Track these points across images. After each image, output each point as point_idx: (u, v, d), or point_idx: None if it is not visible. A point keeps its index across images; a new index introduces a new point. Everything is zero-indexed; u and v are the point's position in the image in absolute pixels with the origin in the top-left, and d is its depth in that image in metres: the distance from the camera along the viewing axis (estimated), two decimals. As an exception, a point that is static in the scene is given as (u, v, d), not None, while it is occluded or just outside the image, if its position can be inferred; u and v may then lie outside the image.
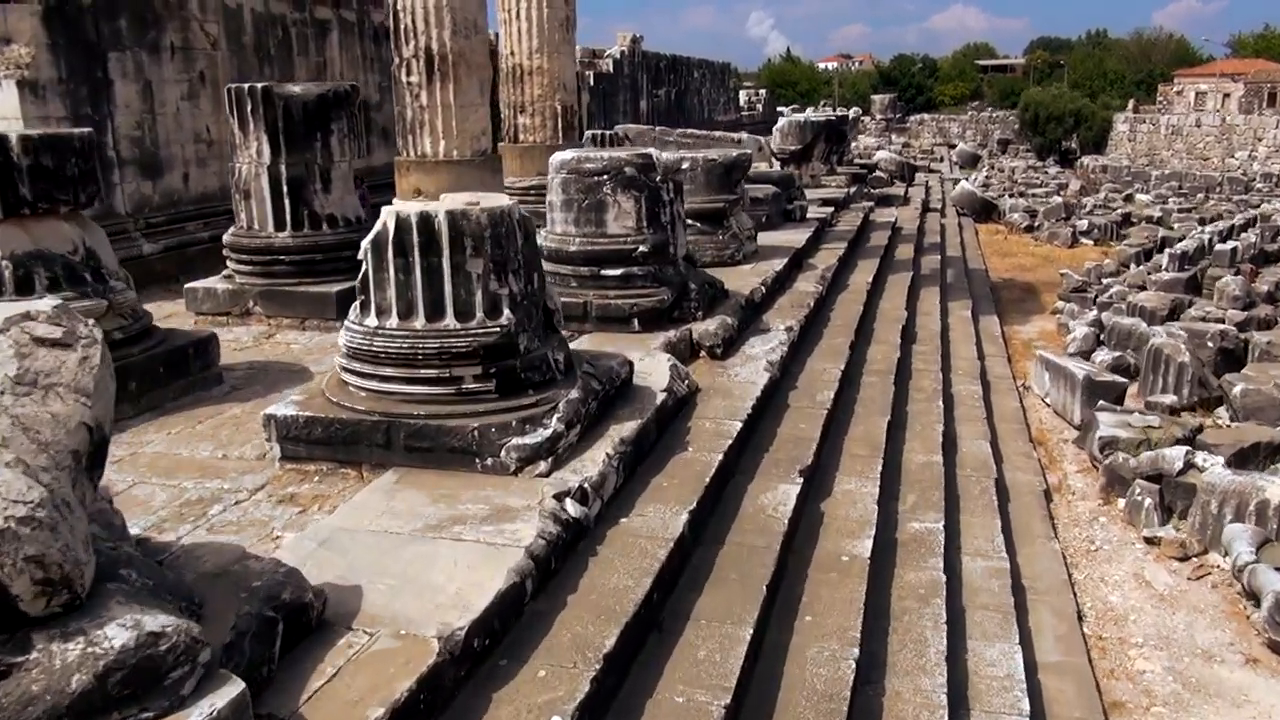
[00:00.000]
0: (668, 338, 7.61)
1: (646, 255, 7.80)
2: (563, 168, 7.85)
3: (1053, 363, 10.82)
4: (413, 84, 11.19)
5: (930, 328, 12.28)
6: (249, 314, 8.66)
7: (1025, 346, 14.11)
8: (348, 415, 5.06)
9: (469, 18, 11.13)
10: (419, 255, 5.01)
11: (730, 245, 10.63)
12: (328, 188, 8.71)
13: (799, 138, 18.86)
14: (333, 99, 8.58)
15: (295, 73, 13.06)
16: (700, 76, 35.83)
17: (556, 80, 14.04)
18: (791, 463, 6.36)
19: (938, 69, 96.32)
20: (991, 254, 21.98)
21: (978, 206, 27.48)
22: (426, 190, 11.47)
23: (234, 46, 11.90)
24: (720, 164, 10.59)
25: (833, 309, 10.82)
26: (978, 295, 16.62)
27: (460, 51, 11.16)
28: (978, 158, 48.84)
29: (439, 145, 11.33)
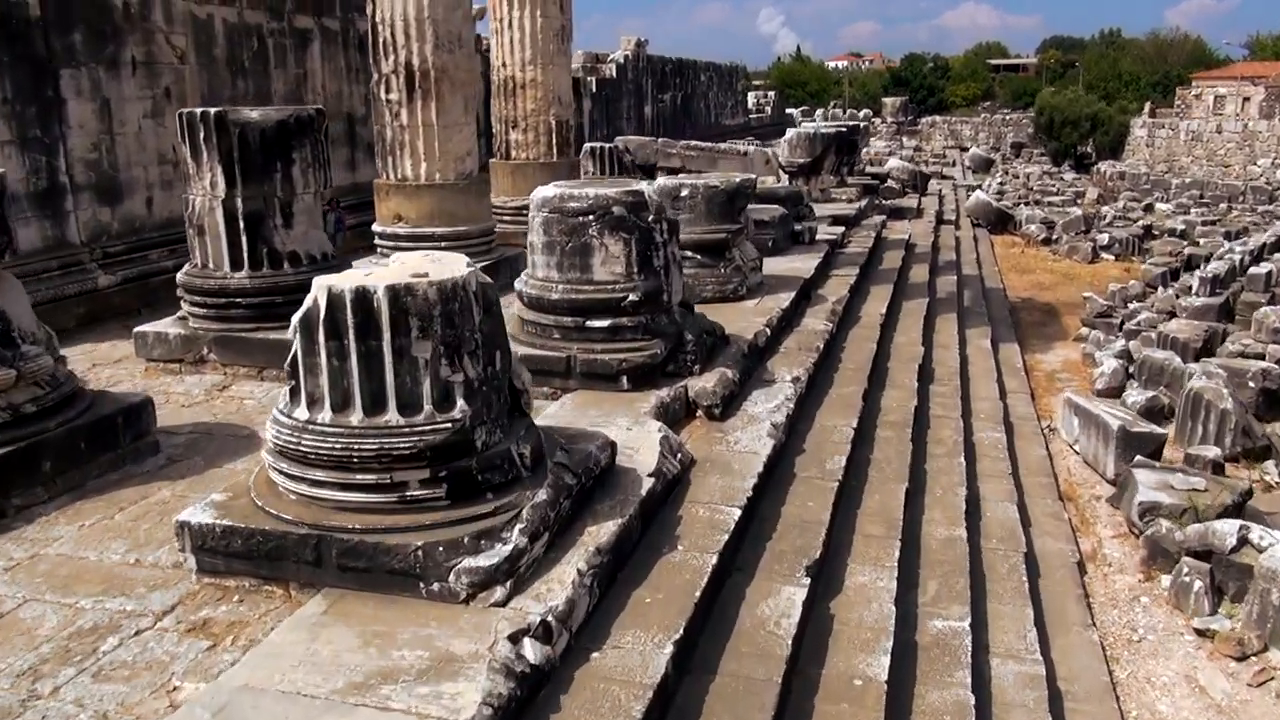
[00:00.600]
0: (660, 398, 6.81)
1: (637, 304, 7.00)
2: (544, 206, 7.05)
3: (1082, 408, 9.98)
4: (392, 102, 10.42)
5: (948, 363, 11.45)
6: (203, 361, 7.90)
7: (1049, 380, 13.27)
8: (272, 525, 4.28)
9: (453, 31, 10.35)
10: (355, 338, 4.22)
11: (733, 279, 9.82)
12: (289, 223, 7.93)
13: (808, 150, 18.03)
14: (294, 125, 7.79)
15: (272, 86, 12.28)
16: (707, 80, 34.98)
17: (551, 94, 13.25)
18: (797, 555, 5.57)
19: (949, 69, 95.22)
20: (1009, 270, 21.12)
21: (993, 217, 26.60)
22: (407, 216, 10.70)
23: (204, 60, 11.13)
24: (722, 191, 9.78)
25: (844, 348, 10.00)
26: (996, 319, 15.77)
27: (443, 67, 10.38)
28: (991, 162, 47.89)
29: (420, 168, 10.56)
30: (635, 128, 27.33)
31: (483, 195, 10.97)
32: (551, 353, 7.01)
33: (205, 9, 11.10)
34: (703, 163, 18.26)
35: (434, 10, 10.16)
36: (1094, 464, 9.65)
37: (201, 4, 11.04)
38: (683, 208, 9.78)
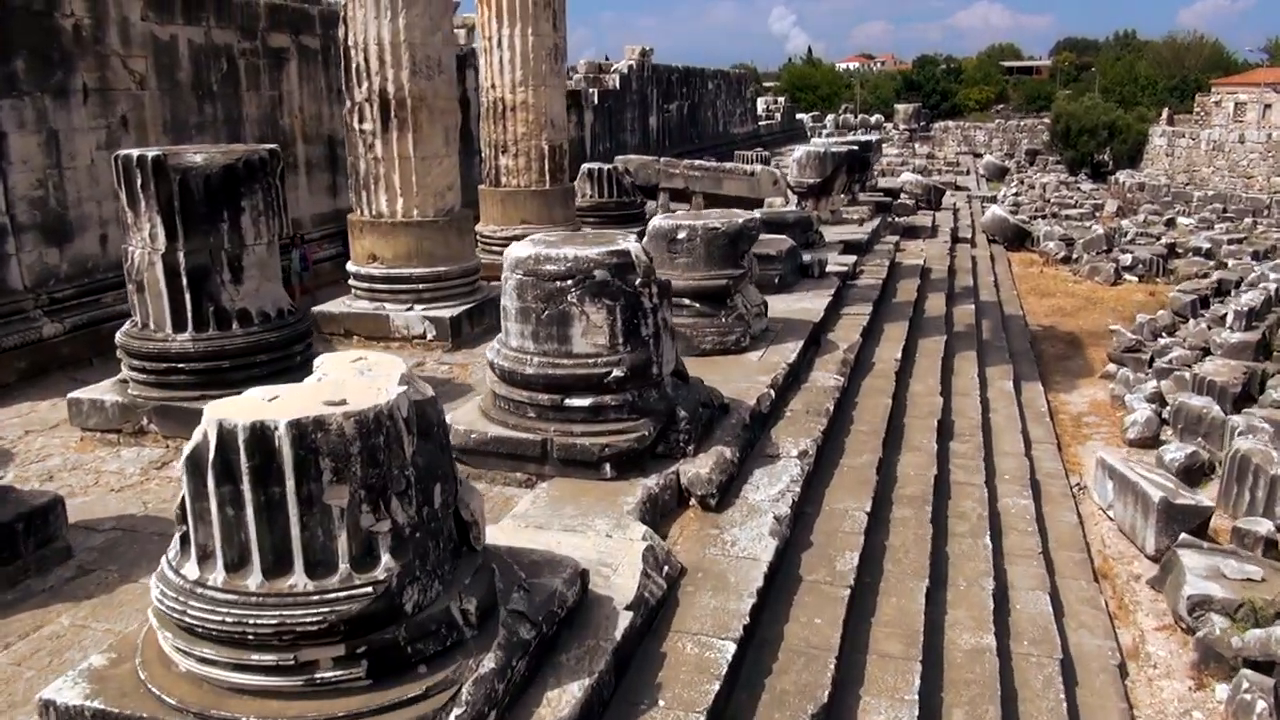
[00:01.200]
0: (648, 489, 5.98)
1: (622, 380, 6.17)
2: (517, 267, 6.22)
3: (1117, 471, 9.11)
4: (366, 132, 9.62)
5: (969, 414, 10.58)
6: (143, 432, 7.10)
7: (1076, 425, 12.39)
8: (150, 711, 3.46)
9: (432, 56, 9.54)
10: (252, 484, 3.40)
11: (735, 329, 8.97)
12: (239, 277, 7.12)
13: (818, 170, 17.16)
14: (244, 170, 6.98)
15: (244, 110, 11.48)
16: (715, 88, 34.10)
17: (543, 116, 12.43)
18: (801, 697, 4.74)
19: (962, 72, 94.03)
20: (1028, 293, 20.22)
21: (1010, 234, 25.68)
22: (382, 256, 9.89)
23: (166, 84, 10.34)
24: (723, 234, 8.93)
25: (856, 404, 9.15)
26: (1017, 353, 14.89)
27: (421, 95, 9.57)
28: (1005, 170, 46.88)
29: (396, 203, 9.76)
30: (640, 139, 26.50)
31: (465, 232, 10.15)
32: (526, 434, 6.18)
33: (168, 30, 10.31)
34: (707, 183, 17.42)
35: (411, 34, 9.35)
36: (1131, 536, 8.78)
37: (164, 24, 10.25)
38: (680, 251, 8.95)
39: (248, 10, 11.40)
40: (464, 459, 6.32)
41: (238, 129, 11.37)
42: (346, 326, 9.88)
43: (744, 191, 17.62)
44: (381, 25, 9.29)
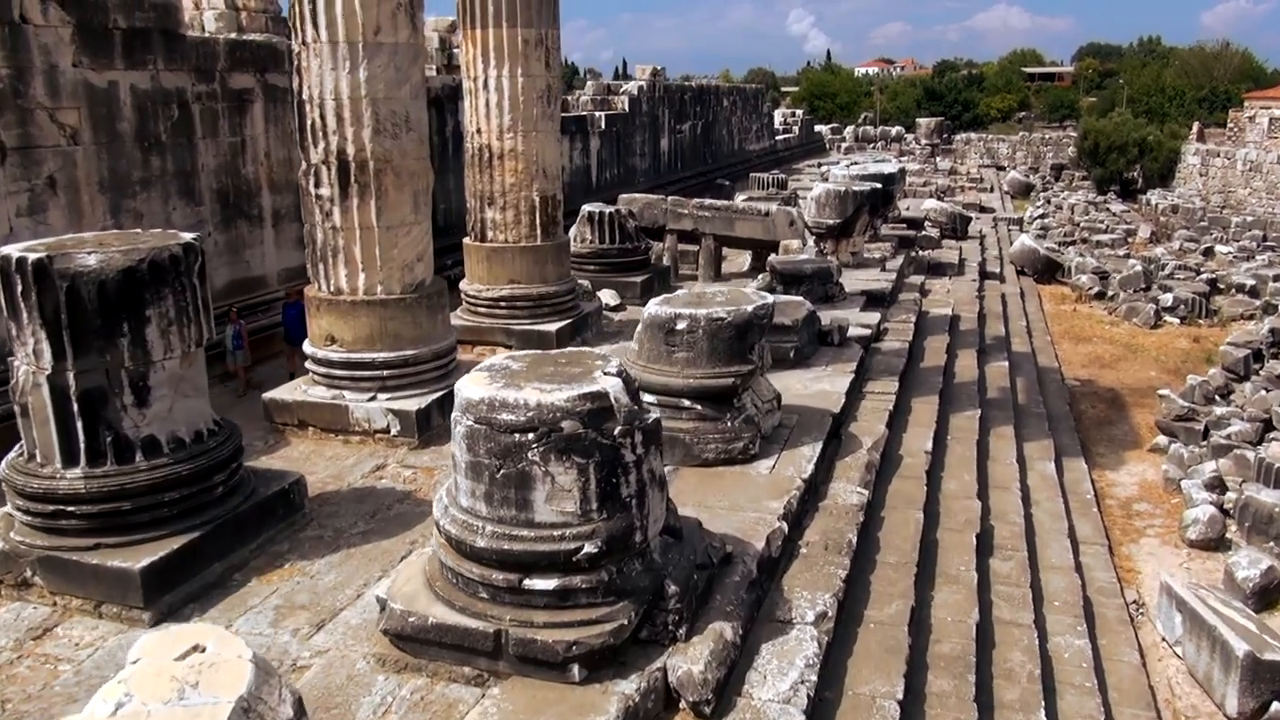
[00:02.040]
0: (626, 699, 4.75)
1: (596, 557, 4.93)
2: (467, 412, 5.00)
3: (1186, 604, 7.81)
4: (323, 198, 8.42)
5: (1010, 516, 9.30)
6: (27, 585, 5.91)
7: (1126, 515, 11.07)
8: None
9: (398, 111, 8.33)
10: None
11: (742, 434, 7.72)
12: (144, 399, 5.93)
13: (839, 210, 15.87)
14: (150, 272, 5.79)
15: (199, 160, 10.31)
16: (730, 105, 32.80)
17: (534, 165, 11.21)
18: None
19: (983, 79, 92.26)
20: (1062, 336, 18.85)
21: (1040, 265, 24.30)
22: (341, 338, 8.67)
23: (104, 137, 9.18)
24: (729, 325, 7.68)
25: (883, 522, 7.89)
26: (1056, 417, 13.57)
27: (386, 156, 8.36)
28: (1031, 187, 45.32)
29: (358, 279, 8.55)
30: (650, 163, 25.27)
31: (437, 308, 8.94)
32: (476, 622, 4.96)
33: (105, 76, 9.15)
34: (718, 224, 16.18)
35: (373, 88, 8.15)
36: (1207, 687, 7.48)
37: (100, 70, 9.10)
38: (679, 345, 7.71)
39: (204, 50, 10.23)
40: (401, 646, 5.11)
41: (190, 183, 10.21)
42: (301, 417, 8.69)
43: (758, 233, 16.38)
44: (339, 78, 8.09)
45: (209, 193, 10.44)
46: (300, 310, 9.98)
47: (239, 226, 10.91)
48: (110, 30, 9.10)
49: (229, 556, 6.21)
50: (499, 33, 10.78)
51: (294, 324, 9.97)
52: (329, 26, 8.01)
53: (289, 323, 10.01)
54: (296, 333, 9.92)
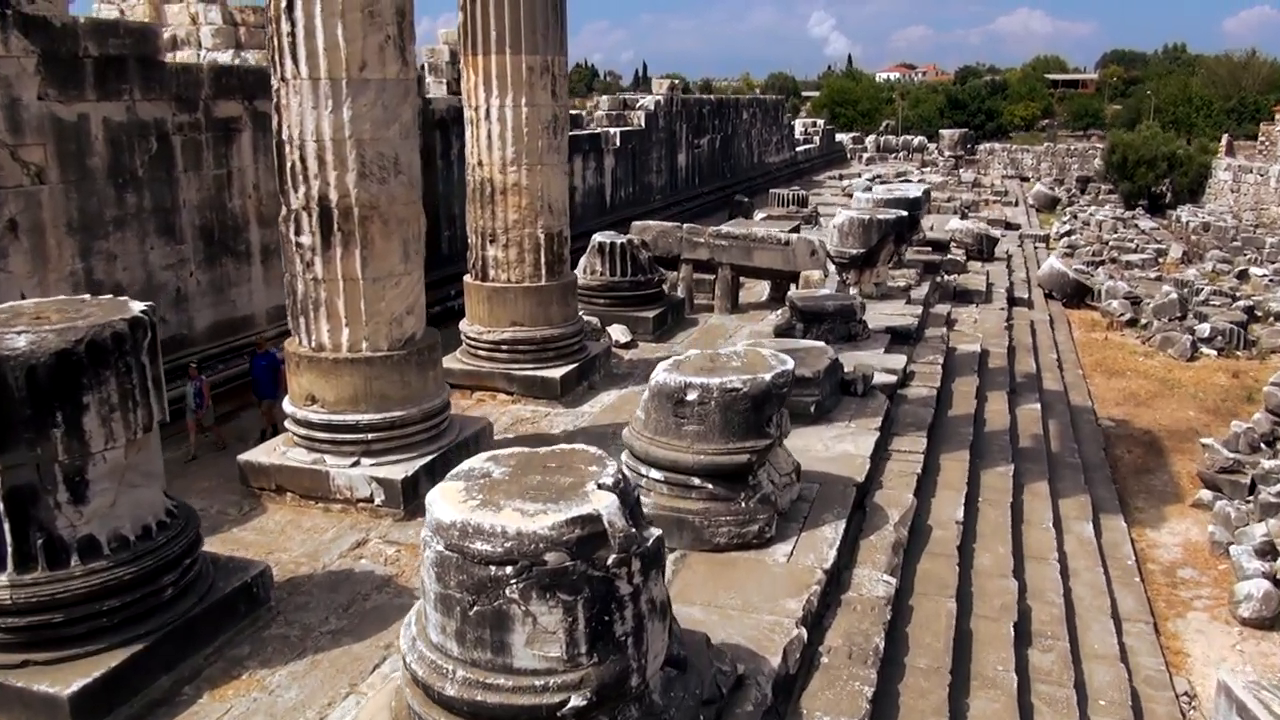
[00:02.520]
0: None
1: (584, 710, 4.21)
2: (438, 534, 4.29)
3: (1249, 710, 6.99)
4: (304, 247, 7.74)
5: (1049, 595, 8.54)
6: (-54, 705, 5.23)
7: (1171, 583, 10.26)
8: None
9: (386, 153, 7.64)
10: None
11: (758, 516, 6.98)
12: (81, 495, 5.26)
13: (862, 239, 15.09)
14: (89, 354, 5.12)
15: (180, 195, 9.67)
16: (750, 117, 32.01)
17: (539, 200, 10.52)
18: None
19: (1006, 86, 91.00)
20: (1094, 369, 18.00)
21: (1069, 289, 23.44)
22: (323, 398, 7.98)
23: (73, 175, 8.55)
24: (745, 396, 6.94)
25: (912, 613, 7.14)
26: (1091, 466, 12.76)
27: (372, 202, 7.67)
28: (1056, 200, 44.33)
29: (341, 335, 7.86)
30: (666, 180, 24.54)
31: (428, 365, 8.24)
32: (440, 783, 4.24)
33: (75, 108, 8.52)
34: (736, 253, 15.43)
35: (358, 128, 7.47)
36: (1276, 810, 6.66)
37: (69, 103, 8.46)
38: (689, 417, 6.98)
39: (185, 78, 9.59)
40: (358, 803, 4.41)
41: (170, 219, 9.57)
42: (279, 482, 8.02)
43: (777, 263, 15.62)
44: (321, 118, 7.42)
45: (191, 229, 9.80)
46: (271, 362, 9.30)
47: (224, 264, 10.26)
48: (80, 59, 8.47)
49: (179, 666, 5.54)
50: (502, 60, 10.10)
51: (263, 376, 9.30)
52: (309, 61, 7.34)
53: (257, 375, 9.33)
54: (266, 386, 9.25)
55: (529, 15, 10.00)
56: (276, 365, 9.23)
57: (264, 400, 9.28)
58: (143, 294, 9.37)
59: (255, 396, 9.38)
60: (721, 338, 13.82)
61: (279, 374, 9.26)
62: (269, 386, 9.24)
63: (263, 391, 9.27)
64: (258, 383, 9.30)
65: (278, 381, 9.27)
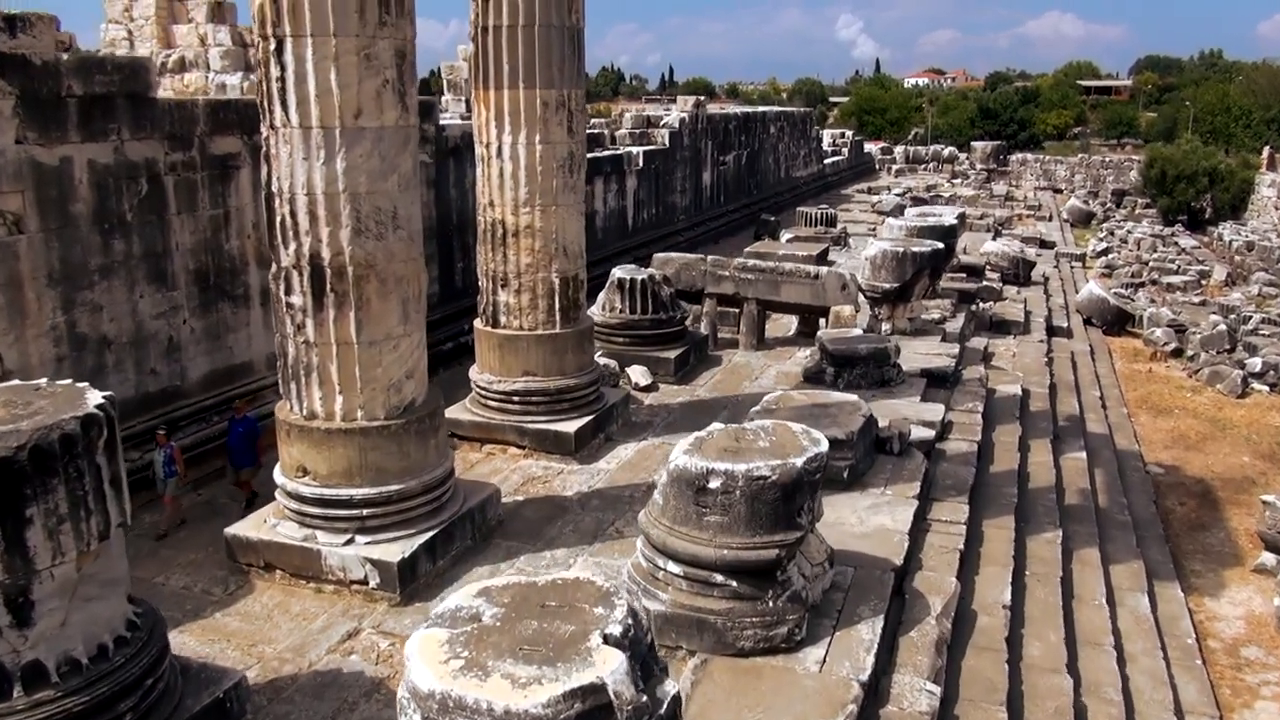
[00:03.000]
0: None
1: None
2: (413, 703, 3.65)
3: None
4: (294, 308, 7.13)
5: (1105, 691, 7.83)
6: None
7: (1234, 664, 9.45)
8: None
9: (383, 207, 7.02)
10: None
11: (786, 618, 6.28)
12: (26, 618, 4.67)
13: (896, 273, 14.33)
14: (33, 460, 4.52)
15: (172, 239, 9.11)
16: (777, 131, 31.26)
17: (554, 244, 9.88)
18: None
19: (1038, 94, 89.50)
20: (1139, 406, 17.12)
21: (1109, 316, 22.50)
22: (315, 471, 7.32)
23: (55, 222, 7.99)
24: (774, 485, 6.25)
25: (958, 727, 6.40)
26: (1141, 522, 11.94)
27: (368, 260, 7.05)
28: (1091, 215, 43.20)
29: (334, 402, 7.23)
30: (691, 199, 23.86)
31: (429, 432, 7.60)
32: None
33: (57, 151, 7.96)
34: (762, 287, 14.71)
35: (353, 181, 6.86)
36: None
37: (50, 145, 7.91)
38: (711, 507, 6.30)
39: (179, 114, 9.02)
40: None
41: (162, 265, 9.01)
42: (268, 559, 7.42)
43: (806, 298, 14.90)
44: (313, 170, 6.81)
45: (184, 274, 9.23)
46: (249, 428, 8.64)
47: (220, 309, 9.69)
48: (63, 99, 7.91)
49: (135, 805, 4.92)
50: (515, 94, 9.47)
51: (239, 445, 8.60)
52: (300, 109, 6.73)
53: (234, 444, 8.63)
54: (244, 455, 8.57)
55: (544, 47, 9.37)
56: (255, 433, 8.59)
57: (241, 470, 8.59)
58: (131, 345, 8.83)
59: (231, 466, 8.67)
60: (747, 379, 13.11)
61: (258, 441, 8.63)
62: (247, 455, 8.57)
63: (240, 460, 8.59)
64: (234, 451, 8.61)
65: (257, 449, 8.64)
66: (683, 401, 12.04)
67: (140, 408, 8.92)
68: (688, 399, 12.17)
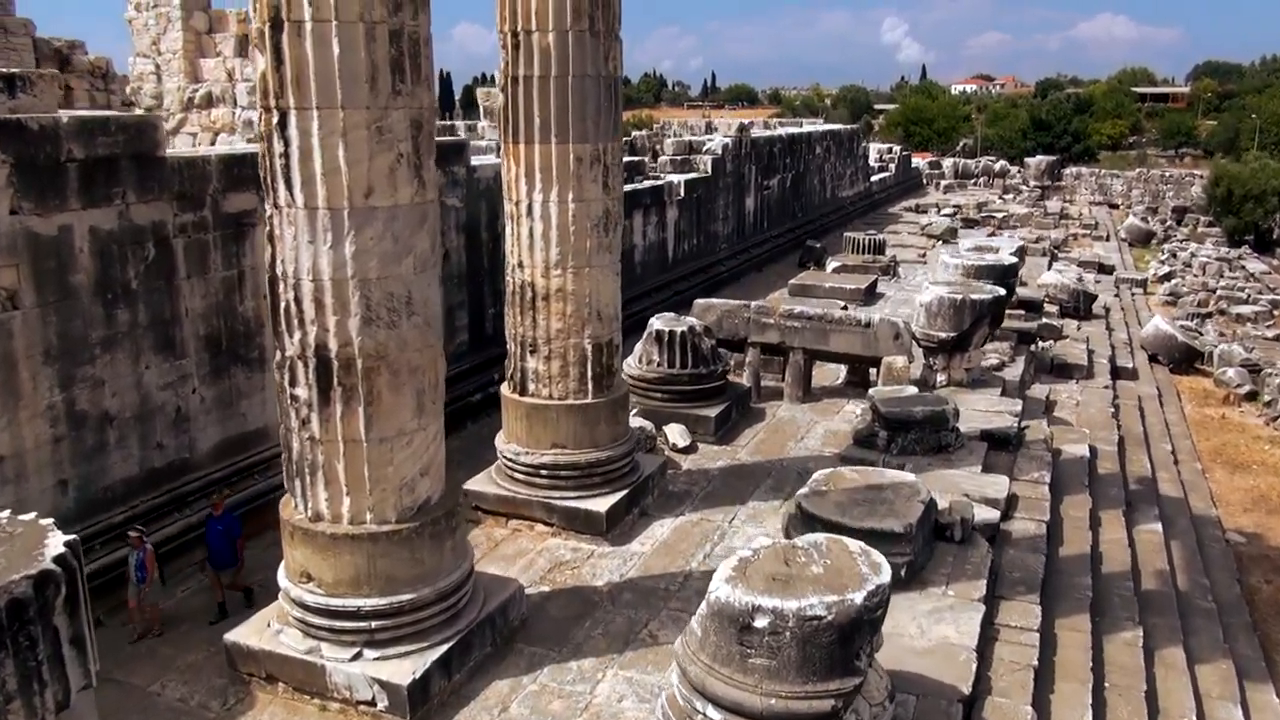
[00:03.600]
0: None
1: None
2: None
3: None
4: (299, 400, 6.50)
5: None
6: None
7: (1340, 789, 8.44)
8: None
9: (396, 292, 6.37)
10: None
11: (842, 776, 5.48)
12: (-38, 813, 4.03)
13: (954, 322, 13.44)
14: (-31, 635, 3.89)
15: (181, 305, 8.54)
16: (824, 151, 30.33)
17: (586, 307, 9.19)
18: None
19: (1092, 103, 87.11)
20: (1214, 461, 16.01)
21: (1176, 354, 21.31)
22: (320, 578, 6.70)
23: (52, 295, 7.45)
24: (831, 625, 5.47)
25: None
26: (1225, 607, 10.94)
27: (378, 351, 6.39)
28: (1151, 234, 41.63)
29: (341, 504, 6.58)
30: (733, 227, 23.06)
31: (445, 534, 6.92)
32: None
33: (55, 220, 7.42)
34: (809, 336, 13.88)
35: (363, 266, 6.22)
36: None
37: (49, 214, 7.37)
38: (757, 648, 5.54)
39: (190, 173, 8.46)
40: None
41: (170, 332, 8.44)
42: (269, 670, 6.80)
43: (856, 348, 14.04)
44: (319, 254, 6.17)
45: (194, 340, 8.67)
46: (230, 526, 7.91)
47: (233, 375, 9.12)
48: (63, 165, 7.37)
49: None
50: (547, 150, 8.79)
51: (218, 544, 7.89)
52: (305, 188, 6.10)
53: (212, 543, 7.91)
54: (223, 554, 7.86)
55: (578, 99, 8.68)
56: (236, 531, 7.91)
57: (221, 571, 7.90)
58: (136, 420, 8.27)
59: (211, 568, 7.95)
60: (791, 439, 12.30)
61: (238, 540, 7.96)
62: (227, 555, 7.86)
63: (219, 561, 7.89)
64: (213, 551, 7.90)
65: (237, 547, 7.96)
66: (723, 466, 11.26)
67: (145, 485, 8.36)
68: (728, 462, 11.39)
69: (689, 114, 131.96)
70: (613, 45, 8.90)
